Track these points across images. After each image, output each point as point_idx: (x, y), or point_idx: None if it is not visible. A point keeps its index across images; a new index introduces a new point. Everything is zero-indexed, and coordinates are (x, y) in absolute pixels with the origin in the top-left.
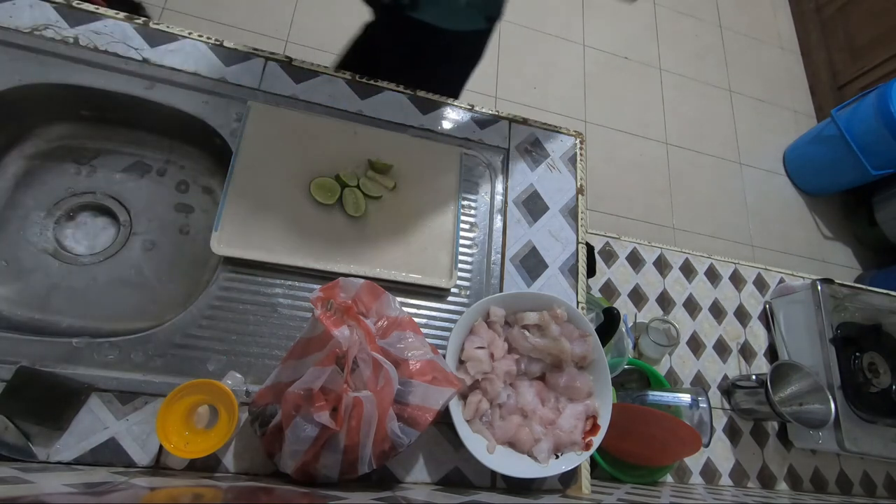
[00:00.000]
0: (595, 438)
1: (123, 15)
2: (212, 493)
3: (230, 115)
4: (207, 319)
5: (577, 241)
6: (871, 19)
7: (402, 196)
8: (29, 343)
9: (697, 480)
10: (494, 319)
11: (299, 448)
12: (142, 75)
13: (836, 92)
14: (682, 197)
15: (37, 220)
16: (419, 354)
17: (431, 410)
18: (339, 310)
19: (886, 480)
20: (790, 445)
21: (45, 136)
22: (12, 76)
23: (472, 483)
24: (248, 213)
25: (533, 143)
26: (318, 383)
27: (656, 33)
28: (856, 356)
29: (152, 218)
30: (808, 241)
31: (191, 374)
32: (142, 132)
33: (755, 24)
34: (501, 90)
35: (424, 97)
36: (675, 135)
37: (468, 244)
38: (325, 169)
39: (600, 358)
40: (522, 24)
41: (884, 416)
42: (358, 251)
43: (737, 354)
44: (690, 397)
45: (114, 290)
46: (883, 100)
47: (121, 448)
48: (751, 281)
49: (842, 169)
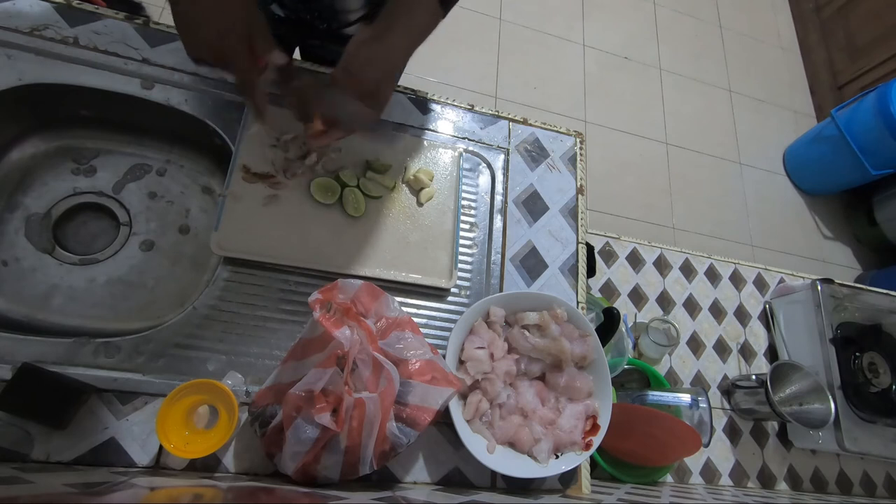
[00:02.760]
0: (595, 438)
1: (123, 15)
2: (212, 493)
3: (230, 115)
4: (207, 319)
5: (577, 241)
6: (871, 19)
7: (402, 196)
8: (29, 343)
9: (697, 480)
10: (494, 319)
11: (300, 449)
12: (142, 75)
13: (836, 92)
14: (682, 197)
15: (36, 220)
16: (418, 354)
17: (430, 410)
18: (339, 311)
19: (886, 480)
20: (790, 445)
21: (45, 136)
22: (12, 76)
23: (472, 483)
24: (248, 213)
25: (533, 142)
26: (320, 385)
27: (656, 33)
28: (856, 356)
29: (152, 218)
30: (808, 241)
31: (191, 374)
32: (142, 132)
33: (755, 24)
34: (501, 90)
35: (424, 97)
36: (675, 135)
37: (468, 244)
38: (325, 168)
39: (600, 358)
40: (522, 24)
41: (884, 416)
42: (358, 251)
43: (737, 354)
44: (690, 397)
45: (114, 290)
46: (883, 100)
47: (121, 448)
48: (751, 281)
49: (842, 169)
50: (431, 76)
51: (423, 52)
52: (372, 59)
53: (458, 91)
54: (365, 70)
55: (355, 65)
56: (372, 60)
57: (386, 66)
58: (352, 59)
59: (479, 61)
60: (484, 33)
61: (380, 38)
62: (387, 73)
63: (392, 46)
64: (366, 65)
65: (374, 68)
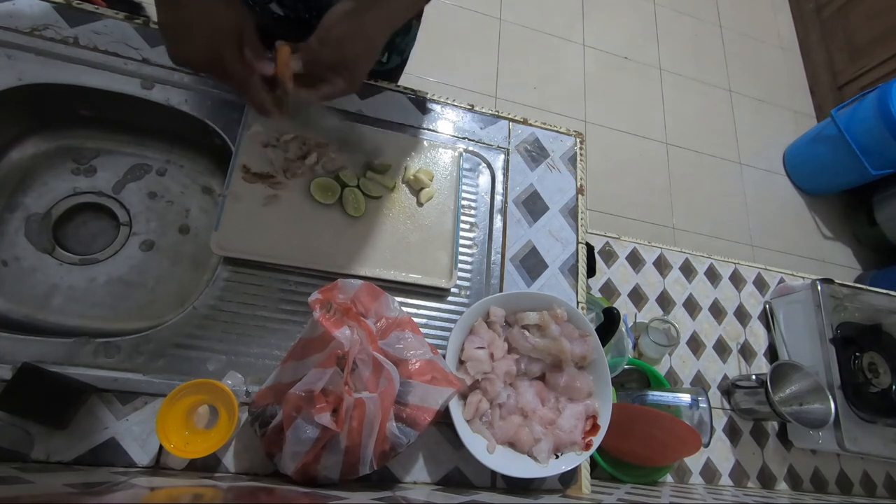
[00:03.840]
0: (595, 438)
1: (123, 15)
2: (212, 493)
3: (230, 116)
4: (207, 319)
5: (577, 241)
6: (870, 19)
7: (402, 196)
8: (29, 343)
9: (697, 480)
10: (494, 319)
11: (300, 449)
12: (142, 75)
13: (836, 92)
14: (682, 197)
15: (36, 220)
16: (418, 354)
17: (430, 410)
18: (339, 311)
19: (886, 480)
20: (790, 445)
21: (45, 136)
22: (12, 76)
23: (472, 483)
24: (248, 213)
25: (533, 142)
26: (320, 385)
27: (656, 33)
28: (856, 356)
29: (152, 218)
30: (808, 241)
31: (191, 374)
32: (142, 132)
33: (755, 24)
34: (501, 90)
35: (424, 97)
36: (675, 135)
37: (468, 244)
38: (325, 169)
39: (600, 358)
40: (522, 24)
41: (884, 416)
42: (358, 251)
43: (737, 354)
44: (690, 397)
45: (114, 290)
46: (883, 100)
47: (121, 448)
48: (751, 281)
49: (842, 169)
50: (431, 76)
51: (423, 52)
52: (352, 34)
53: (458, 91)
54: (343, 44)
55: (332, 38)
56: (352, 35)
57: (365, 43)
58: (328, 31)
59: (479, 61)
60: (484, 33)
61: (360, 13)
62: (366, 50)
63: (372, 23)
64: (345, 39)
65: (352, 44)
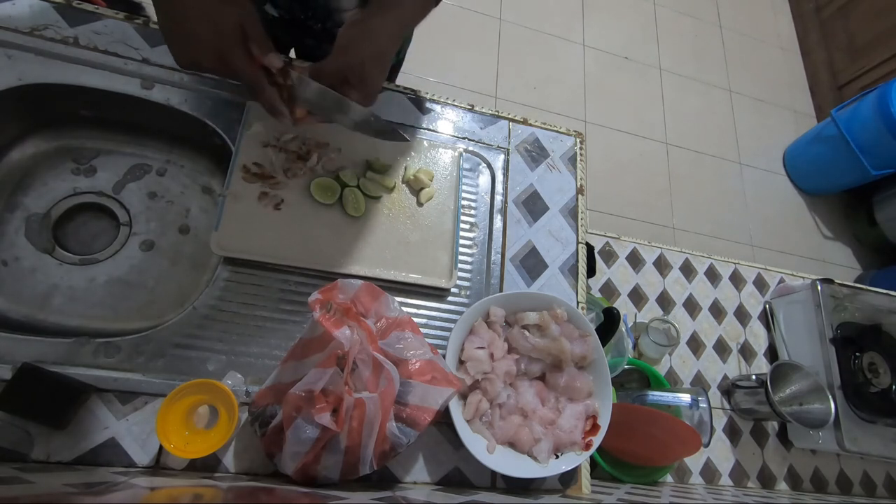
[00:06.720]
0: (595, 438)
1: (123, 15)
2: (212, 493)
3: (230, 116)
4: (207, 319)
5: (577, 241)
6: (871, 19)
7: (402, 196)
8: (29, 343)
9: (697, 480)
10: (494, 319)
11: (300, 449)
12: (142, 75)
13: (836, 92)
14: (682, 197)
15: (36, 220)
16: (418, 354)
17: (430, 410)
18: (339, 311)
19: (886, 480)
20: (790, 445)
21: (45, 136)
22: (12, 76)
23: (472, 483)
24: (248, 213)
25: (533, 142)
26: (320, 385)
27: (656, 33)
28: (856, 356)
29: (152, 218)
30: (808, 241)
31: (191, 374)
32: (142, 132)
33: (755, 24)
34: (501, 90)
35: (424, 97)
36: (675, 135)
37: (468, 244)
38: (325, 168)
39: (600, 358)
40: (522, 24)
41: (884, 416)
42: (358, 251)
43: (737, 354)
44: (690, 397)
45: (114, 290)
46: (883, 100)
47: (121, 448)
48: (751, 281)
49: (842, 169)
50: (431, 76)
51: (423, 52)
52: (357, 40)
53: (458, 91)
54: (349, 51)
55: (337, 46)
56: (357, 40)
57: (372, 48)
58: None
59: (479, 61)
60: (484, 33)
61: (366, 21)
62: (373, 55)
63: (378, 28)
64: (350, 45)
65: (358, 49)
